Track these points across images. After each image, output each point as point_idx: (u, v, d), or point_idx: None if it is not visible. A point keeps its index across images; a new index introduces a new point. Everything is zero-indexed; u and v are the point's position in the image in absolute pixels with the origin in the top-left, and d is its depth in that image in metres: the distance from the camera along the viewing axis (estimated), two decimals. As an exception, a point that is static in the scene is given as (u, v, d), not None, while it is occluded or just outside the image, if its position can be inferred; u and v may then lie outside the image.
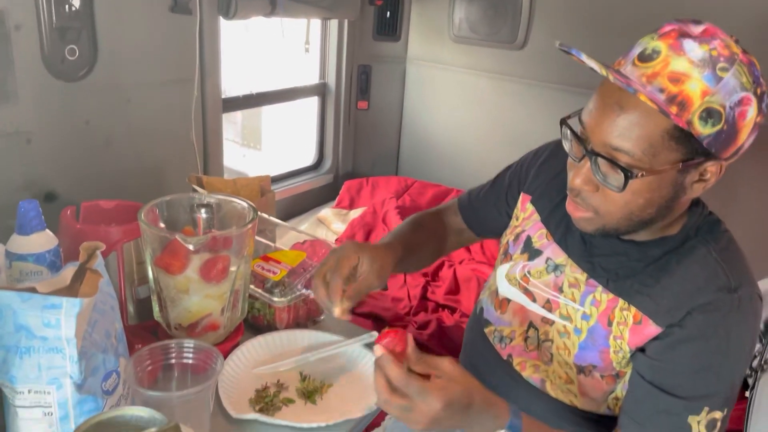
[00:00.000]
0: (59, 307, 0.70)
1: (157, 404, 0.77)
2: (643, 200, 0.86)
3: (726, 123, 0.79)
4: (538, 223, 1.08)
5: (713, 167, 0.84)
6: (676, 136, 0.80)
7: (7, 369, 0.72)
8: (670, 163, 0.82)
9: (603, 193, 0.87)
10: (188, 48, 1.77)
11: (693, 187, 0.86)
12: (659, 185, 0.84)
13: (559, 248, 1.03)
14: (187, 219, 1.07)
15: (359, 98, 2.72)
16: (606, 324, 0.95)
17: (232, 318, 1.06)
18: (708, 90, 0.78)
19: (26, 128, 1.42)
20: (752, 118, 0.81)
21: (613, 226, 0.90)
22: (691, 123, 0.79)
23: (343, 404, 0.99)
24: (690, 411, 0.87)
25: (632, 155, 0.81)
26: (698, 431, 0.87)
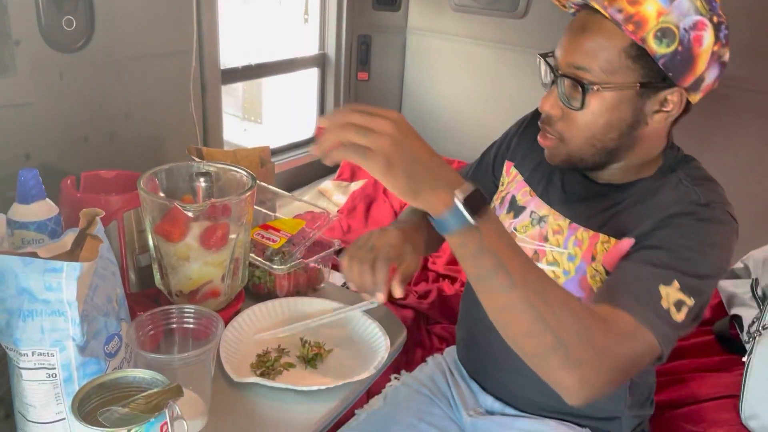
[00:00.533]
0: (60, 270, 0.71)
1: (158, 367, 0.78)
2: (603, 121, 0.91)
3: (681, 44, 0.85)
4: (521, 183, 1.12)
5: (674, 96, 0.89)
6: (633, 55, 0.87)
7: (11, 332, 0.73)
8: (627, 82, 0.88)
9: (567, 117, 0.93)
10: (186, 18, 1.75)
11: (654, 117, 0.91)
12: (618, 106, 0.90)
13: (541, 201, 1.07)
14: (186, 188, 1.08)
15: (359, 69, 2.70)
16: (590, 260, 0.99)
17: (232, 285, 1.07)
18: (663, 10, 0.84)
19: (25, 100, 1.42)
20: (709, 45, 0.86)
21: (578, 153, 0.95)
22: (646, 40, 0.85)
23: (342, 369, 1.01)
24: (661, 279, 0.85)
25: (591, 72, 0.88)
26: (668, 305, 0.83)
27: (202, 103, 1.91)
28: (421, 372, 1.32)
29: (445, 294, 1.84)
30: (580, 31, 0.90)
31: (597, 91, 0.89)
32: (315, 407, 0.93)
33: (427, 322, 1.77)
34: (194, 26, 1.77)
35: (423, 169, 0.72)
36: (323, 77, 2.67)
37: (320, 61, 2.64)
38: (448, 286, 1.91)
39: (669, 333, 0.84)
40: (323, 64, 2.65)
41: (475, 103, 2.62)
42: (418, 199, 0.72)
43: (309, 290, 1.23)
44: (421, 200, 0.72)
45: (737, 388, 1.40)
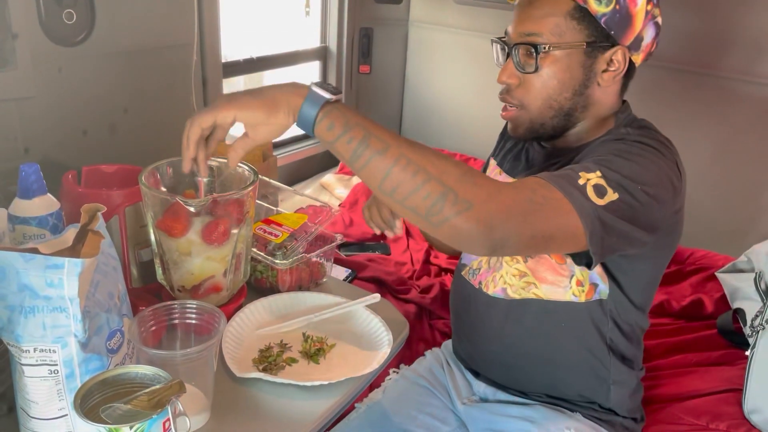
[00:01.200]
0: (61, 267, 0.70)
1: (161, 363, 0.78)
2: (557, 81, 0.99)
3: (618, 4, 0.95)
4: (495, 167, 1.23)
5: (617, 55, 0.99)
6: (577, 17, 0.97)
7: (13, 328, 0.73)
8: (575, 42, 0.97)
9: (524, 84, 1.02)
10: (187, 11, 1.75)
11: (603, 76, 1.00)
12: (569, 65, 0.99)
13: (507, 176, 1.17)
14: (188, 182, 1.07)
15: (361, 62, 2.69)
16: None
17: (234, 280, 1.06)
18: None
19: (25, 94, 1.41)
20: (643, 4, 0.96)
21: (538, 118, 1.03)
22: (587, 1, 0.95)
23: (345, 364, 1.01)
24: (582, 168, 0.89)
25: (542, 36, 0.98)
26: (584, 184, 0.86)
27: (204, 97, 1.90)
28: (419, 365, 1.34)
29: (447, 288, 1.84)
30: (528, 2, 1.00)
31: (548, 52, 0.98)
32: (317, 402, 0.93)
33: (429, 316, 1.77)
34: (195, 19, 1.77)
35: (266, 88, 0.84)
36: (325, 70, 2.66)
37: (322, 54, 2.63)
38: (450, 280, 1.90)
39: (583, 201, 0.84)
40: (325, 57, 2.64)
41: (477, 95, 2.61)
42: (277, 107, 0.82)
43: (311, 285, 1.23)
44: (281, 107, 0.82)
45: (740, 381, 1.40)
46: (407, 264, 2.01)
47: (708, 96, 2.08)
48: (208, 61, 1.87)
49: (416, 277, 1.94)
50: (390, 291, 1.80)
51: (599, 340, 1.08)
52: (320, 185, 2.53)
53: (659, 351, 1.60)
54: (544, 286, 1.05)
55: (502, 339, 1.13)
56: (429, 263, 2.03)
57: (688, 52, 2.06)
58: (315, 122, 0.82)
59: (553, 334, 1.09)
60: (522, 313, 1.09)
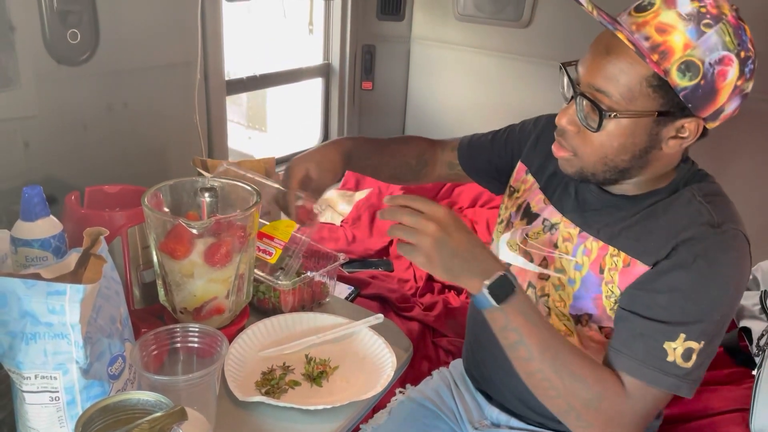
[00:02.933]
0: (63, 293, 0.70)
1: (163, 388, 0.77)
2: (617, 144, 0.91)
3: (704, 78, 0.83)
4: (537, 191, 1.13)
5: (691, 124, 0.88)
6: (654, 85, 0.85)
7: (14, 355, 0.72)
8: (645, 111, 0.87)
9: (583, 134, 0.93)
10: (190, 30, 1.75)
11: (669, 142, 0.91)
12: (633, 131, 0.89)
13: (554, 209, 1.09)
14: (191, 203, 1.07)
15: (363, 79, 2.70)
16: (598, 272, 0.99)
17: (237, 301, 1.06)
18: (690, 43, 0.82)
19: (29, 113, 1.42)
20: (732, 79, 0.84)
21: (590, 169, 0.96)
22: (669, 72, 0.84)
23: (348, 387, 1.00)
24: (666, 336, 0.88)
25: (611, 97, 0.87)
26: (673, 359, 0.88)
27: (207, 114, 1.91)
28: (426, 386, 1.31)
29: (451, 306, 1.83)
30: (604, 53, 0.88)
31: (614, 117, 0.88)
32: (321, 426, 0.93)
33: (433, 334, 1.76)
34: (199, 38, 1.77)
35: (459, 262, 0.87)
36: (328, 87, 2.67)
37: (325, 71, 2.64)
38: (453, 298, 1.90)
39: (679, 382, 0.89)
40: (328, 74, 2.65)
41: (480, 112, 2.62)
42: (458, 282, 0.88)
43: (314, 305, 1.22)
44: (460, 283, 0.88)
45: (747, 401, 1.38)
46: (410, 281, 2.01)
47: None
48: (211, 80, 1.88)
49: (419, 294, 1.94)
50: (393, 308, 1.80)
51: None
52: (322, 201, 2.53)
53: (665, 370, 1.59)
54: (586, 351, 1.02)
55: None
56: (432, 280, 2.02)
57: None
58: (481, 308, 0.90)
59: None
60: None
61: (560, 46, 2.30)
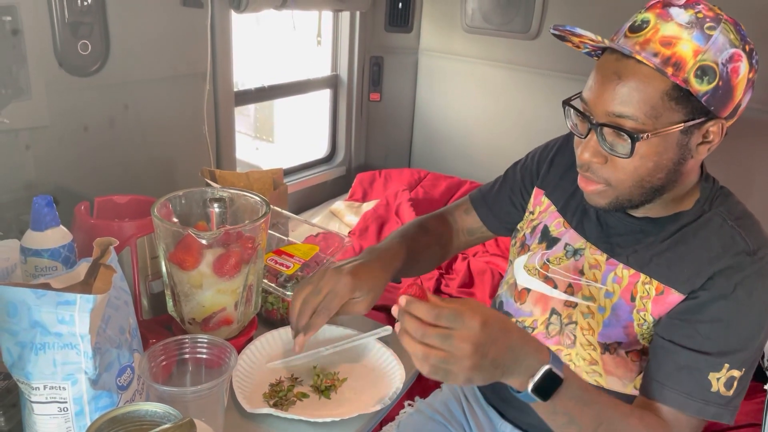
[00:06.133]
0: (73, 303, 0.70)
1: (171, 399, 0.77)
2: (652, 164, 0.88)
3: (721, 79, 0.84)
4: (555, 213, 1.10)
5: (714, 127, 0.88)
6: (675, 97, 0.84)
7: (23, 365, 0.72)
8: (673, 124, 0.85)
9: (612, 163, 0.90)
10: (200, 41, 1.77)
11: (698, 149, 0.90)
12: (665, 148, 0.87)
13: (576, 234, 1.06)
14: (200, 213, 1.07)
15: (371, 90, 2.71)
16: (629, 299, 0.97)
17: (245, 312, 1.06)
18: (699, 49, 0.83)
19: (40, 123, 1.43)
20: (745, 74, 0.86)
21: (626, 196, 0.92)
22: (688, 81, 0.83)
23: (357, 399, 0.99)
24: (711, 367, 0.89)
25: (636, 119, 0.85)
26: (717, 389, 0.88)
27: (216, 125, 1.92)
28: (435, 398, 1.30)
29: (458, 318, 1.82)
30: (615, 78, 0.86)
31: (646, 139, 0.86)
32: (329, 439, 0.92)
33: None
34: (208, 49, 1.79)
35: (500, 371, 0.78)
36: (335, 98, 2.68)
37: (333, 82, 2.65)
38: (461, 310, 1.88)
39: (722, 411, 0.89)
40: (336, 85, 2.66)
41: (487, 123, 2.62)
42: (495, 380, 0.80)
43: (322, 316, 1.21)
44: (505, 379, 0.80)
45: (759, 416, 1.37)
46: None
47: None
48: (220, 90, 1.89)
49: (427, 306, 1.92)
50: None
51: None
52: (330, 212, 2.53)
53: (675, 384, 1.57)
54: (610, 377, 1.01)
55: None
56: (440, 292, 2.01)
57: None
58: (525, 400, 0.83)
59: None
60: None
61: (568, 58, 2.30)
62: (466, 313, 0.74)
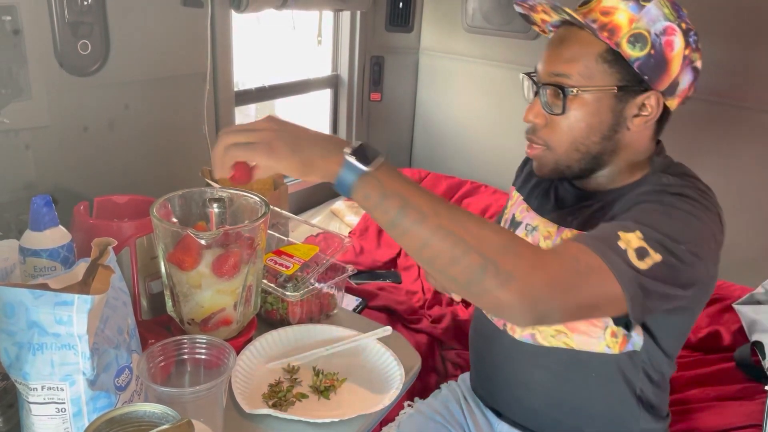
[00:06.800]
0: (71, 304, 0.70)
1: (169, 400, 0.77)
2: (584, 124, 0.96)
3: (653, 48, 0.91)
4: (521, 202, 1.18)
5: (651, 100, 0.95)
6: (609, 60, 0.93)
7: (21, 365, 0.72)
8: (605, 85, 0.94)
9: (552, 124, 0.99)
10: (200, 41, 1.76)
11: (634, 121, 0.96)
12: (597, 109, 0.95)
13: (535, 214, 1.13)
14: (199, 214, 1.07)
15: (372, 90, 2.70)
16: None
17: (245, 313, 1.05)
18: (633, 17, 0.91)
19: (40, 123, 1.42)
20: (680, 49, 0.92)
21: (564, 160, 1.00)
22: (620, 45, 0.91)
23: (357, 399, 0.99)
24: (621, 228, 0.84)
25: (571, 78, 0.95)
26: (625, 246, 0.82)
27: (216, 125, 1.92)
28: (435, 399, 1.30)
29: (459, 318, 1.82)
30: (558, 42, 0.97)
31: (577, 95, 0.95)
32: (328, 440, 0.91)
33: (441, 347, 1.74)
34: (208, 49, 1.78)
35: (306, 142, 0.77)
36: (336, 98, 2.68)
37: (333, 82, 2.64)
38: (462, 311, 1.88)
39: (624, 269, 0.81)
40: (336, 85, 2.65)
41: (488, 123, 2.62)
42: (314, 169, 0.77)
43: (322, 316, 1.21)
44: (317, 170, 0.77)
45: (760, 417, 1.37)
46: (418, 293, 2.00)
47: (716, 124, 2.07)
48: (220, 90, 1.89)
49: (427, 307, 1.92)
50: (401, 320, 1.79)
51: (629, 392, 1.04)
52: (330, 212, 2.53)
53: (676, 385, 1.57)
54: (576, 336, 1.02)
55: (528, 384, 1.10)
56: (440, 292, 2.01)
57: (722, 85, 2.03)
58: (350, 189, 0.77)
59: (582, 383, 1.05)
60: (551, 361, 1.06)
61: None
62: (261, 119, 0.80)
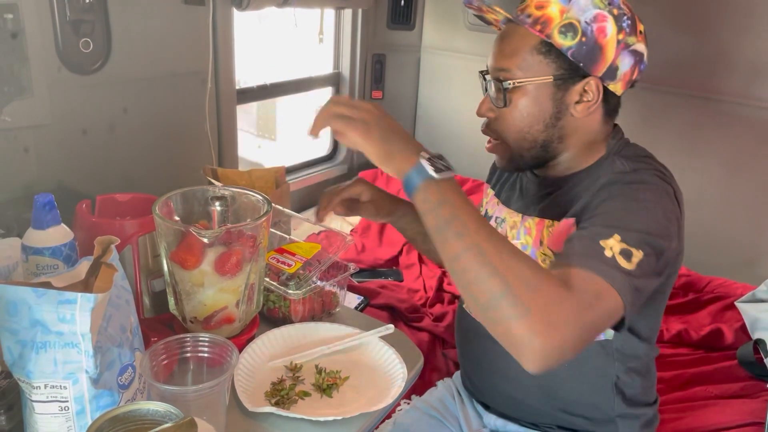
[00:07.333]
0: (74, 302, 0.70)
1: (172, 398, 0.77)
2: (527, 114, 1.00)
3: (584, 35, 0.95)
4: (493, 198, 1.22)
5: (590, 85, 0.98)
6: (543, 51, 0.98)
7: (24, 364, 0.72)
8: (541, 76, 0.98)
9: (500, 116, 1.03)
10: (201, 39, 1.76)
11: (577, 108, 1.00)
12: (537, 99, 0.99)
13: (503, 207, 1.16)
14: (201, 212, 1.07)
15: (374, 88, 2.70)
16: (538, 245, 1.04)
17: (247, 311, 1.05)
18: (563, 9, 0.96)
19: (41, 122, 1.42)
20: (613, 34, 0.95)
21: (516, 150, 1.04)
22: (551, 36, 0.96)
23: (358, 398, 0.99)
24: (599, 236, 0.87)
25: (509, 71, 0.99)
26: (612, 255, 0.84)
27: (218, 123, 1.91)
28: (431, 395, 1.33)
29: (460, 316, 1.82)
30: (500, 39, 1.02)
31: (515, 87, 0.99)
32: (331, 438, 0.91)
33: (443, 345, 1.74)
34: (210, 47, 1.78)
35: (395, 136, 0.85)
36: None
37: (335, 80, 2.64)
38: (463, 308, 1.88)
39: (621, 278, 0.83)
40: (338, 83, 2.65)
41: (490, 121, 2.61)
42: (392, 161, 0.84)
43: (324, 315, 1.21)
44: (394, 163, 0.84)
45: (762, 414, 1.37)
46: (420, 291, 2.00)
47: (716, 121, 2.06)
48: (222, 88, 1.89)
49: (429, 305, 1.92)
50: (402, 319, 1.79)
51: (605, 380, 1.06)
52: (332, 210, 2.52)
53: (678, 383, 1.57)
54: None
55: (507, 374, 1.12)
56: (442, 290, 2.01)
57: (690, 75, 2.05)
58: (414, 189, 0.83)
59: (557, 372, 1.05)
60: None
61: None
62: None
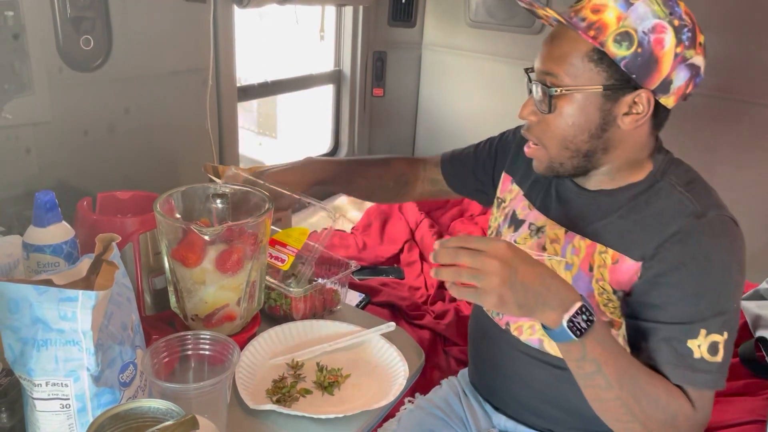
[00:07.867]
0: (75, 299, 0.69)
1: (173, 396, 0.77)
2: (572, 122, 0.95)
3: (640, 46, 0.88)
4: (521, 197, 1.15)
5: (641, 98, 0.92)
6: (595, 59, 0.91)
7: (25, 361, 0.72)
8: (591, 85, 0.92)
9: (544, 122, 0.97)
10: (202, 37, 1.76)
11: (624, 119, 0.94)
12: (584, 108, 0.93)
13: (539, 213, 1.10)
14: (202, 209, 1.07)
15: (374, 85, 2.70)
16: (587, 270, 1.00)
17: (248, 309, 1.05)
18: (621, 15, 0.89)
19: (42, 119, 1.42)
20: (671, 47, 0.89)
21: (557, 158, 0.99)
22: (605, 44, 0.89)
23: (360, 395, 0.99)
24: (686, 334, 0.89)
25: (556, 76, 0.93)
26: (701, 355, 0.88)
27: (219, 121, 1.91)
28: (435, 394, 1.31)
29: (462, 314, 1.82)
30: (550, 40, 0.96)
31: (562, 95, 0.93)
32: (332, 436, 0.91)
33: (444, 342, 1.74)
34: (211, 44, 1.78)
35: (533, 296, 0.81)
36: (338, 93, 2.67)
37: (336, 77, 2.64)
38: (465, 306, 1.88)
39: (717, 377, 0.89)
40: (339, 80, 2.65)
41: (491, 118, 2.60)
42: (532, 317, 0.83)
43: (325, 312, 1.21)
44: (535, 318, 0.83)
45: (764, 412, 1.37)
46: (421, 289, 1.99)
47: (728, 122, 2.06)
48: (223, 86, 1.88)
49: (430, 302, 1.92)
50: (404, 316, 1.79)
51: None
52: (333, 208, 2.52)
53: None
54: None
55: (530, 383, 1.10)
56: (443, 288, 2.01)
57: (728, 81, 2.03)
58: (557, 342, 0.86)
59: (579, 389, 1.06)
60: (552, 363, 1.06)
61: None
62: (493, 239, 0.82)
